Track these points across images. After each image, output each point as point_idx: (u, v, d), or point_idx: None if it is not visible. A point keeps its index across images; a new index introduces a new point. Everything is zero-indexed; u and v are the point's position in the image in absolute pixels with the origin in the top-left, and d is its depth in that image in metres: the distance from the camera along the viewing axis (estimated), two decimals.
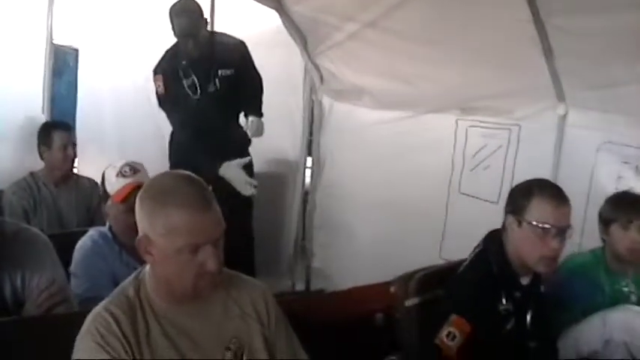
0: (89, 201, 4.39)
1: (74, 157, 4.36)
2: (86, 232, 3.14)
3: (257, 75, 4.72)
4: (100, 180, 3.14)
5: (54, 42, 4.57)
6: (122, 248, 3.01)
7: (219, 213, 1.96)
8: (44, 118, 4.58)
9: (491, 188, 4.31)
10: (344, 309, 3.01)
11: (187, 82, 4.46)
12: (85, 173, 4.54)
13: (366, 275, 4.82)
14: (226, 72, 4.50)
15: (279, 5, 5.06)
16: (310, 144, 5.53)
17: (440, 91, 4.57)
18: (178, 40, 4.40)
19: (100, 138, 4.90)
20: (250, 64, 4.65)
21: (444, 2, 4.06)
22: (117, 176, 3.03)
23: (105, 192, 3.08)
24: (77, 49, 5.16)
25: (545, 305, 2.80)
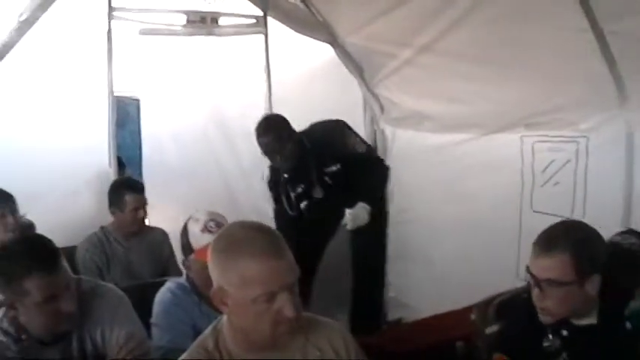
0: (160, 252, 4.44)
1: (144, 218, 4.42)
2: (160, 284, 3.15)
3: (366, 162, 4.70)
4: (182, 232, 3.10)
5: (115, 94, 4.64)
6: (201, 299, 2.99)
7: (291, 259, 1.96)
8: (111, 172, 4.64)
9: (563, 203, 4.21)
10: (423, 339, 2.97)
11: (294, 194, 4.64)
12: (153, 220, 4.58)
13: (444, 301, 4.80)
14: (332, 169, 4.56)
15: (332, 38, 5.10)
16: None
17: (501, 110, 4.50)
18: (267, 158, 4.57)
19: (166, 184, 4.96)
20: (356, 155, 4.66)
21: (496, 20, 4.02)
22: (202, 231, 2.99)
23: (188, 245, 3.05)
24: (138, 99, 5.24)
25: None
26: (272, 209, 4.95)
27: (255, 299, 1.89)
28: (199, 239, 2.99)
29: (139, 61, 4.98)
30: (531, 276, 2.36)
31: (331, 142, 4.63)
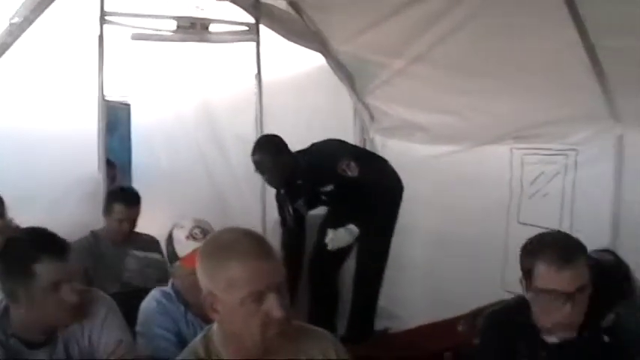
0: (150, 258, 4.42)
1: (129, 230, 4.42)
2: (147, 291, 3.14)
3: (359, 190, 4.68)
4: (167, 239, 3.09)
5: (106, 98, 4.63)
6: (187, 307, 2.97)
7: (278, 261, 1.97)
8: (100, 177, 4.63)
9: (551, 215, 4.24)
10: (411, 348, 2.97)
11: (296, 206, 4.79)
12: (142, 225, 4.57)
13: (431, 311, 4.82)
14: (326, 189, 4.63)
15: (324, 47, 5.11)
16: None
17: (492, 122, 4.53)
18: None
19: (156, 190, 4.93)
20: (348, 181, 4.63)
21: (488, 33, 4.04)
22: (187, 239, 2.97)
23: (174, 253, 3.02)
24: (129, 104, 5.23)
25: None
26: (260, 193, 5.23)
27: (243, 300, 1.89)
28: (184, 246, 2.97)
29: (131, 66, 4.98)
30: (555, 295, 2.27)
31: (326, 164, 4.67)
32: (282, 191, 4.79)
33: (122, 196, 4.41)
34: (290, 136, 4.72)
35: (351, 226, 4.60)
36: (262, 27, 5.08)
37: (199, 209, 4.80)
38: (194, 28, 4.91)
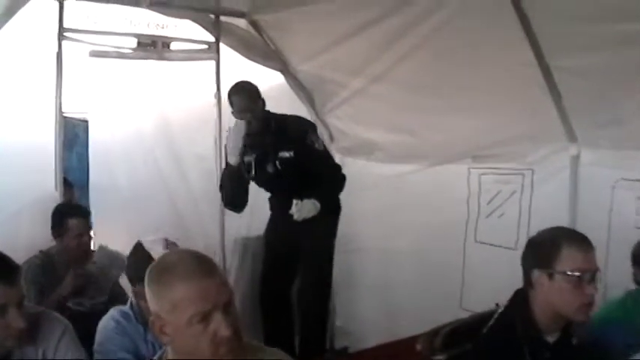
0: (106, 276, 4.31)
1: (89, 243, 4.30)
2: (104, 311, 3.10)
3: (323, 163, 4.75)
4: (136, 256, 3.04)
5: (64, 114, 4.56)
6: (146, 328, 2.92)
7: (223, 279, 1.98)
8: (57, 195, 4.54)
9: (507, 234, 4.28)
10: None
11: (247, 159, 4.66)
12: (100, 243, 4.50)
13: (390, 330, 4.82)
14: (286, 154, 4.60)
15: (284, 66, 5.13)
16: None
17: (450, 141, 4.58)
18: (235, 117, 4.59)
19: (113, 209, 4.87)
20: (312, 151, 4.67)
21: (447, 52, 4.09)
22: (165, 249, 2.91)
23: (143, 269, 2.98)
24: (87, 120, 5.18)
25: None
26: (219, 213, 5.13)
27: (189, 321, 1.88)
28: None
29: (90, 82, 4.93)
30: (585, 272, 2.44)
31: (293, 129, 4.69)
32: (245, 139, 4.60)
33: (74, 211, 4.27)
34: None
35: (314, 200, 4.58)
36: (222, 46, 5.08)
37: (158, 229, 4.77)
38: (154, 46, 4.89)
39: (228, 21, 5.04)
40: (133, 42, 4.82)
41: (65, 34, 4.43)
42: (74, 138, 5.67)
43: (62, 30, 4.41)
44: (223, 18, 5.03)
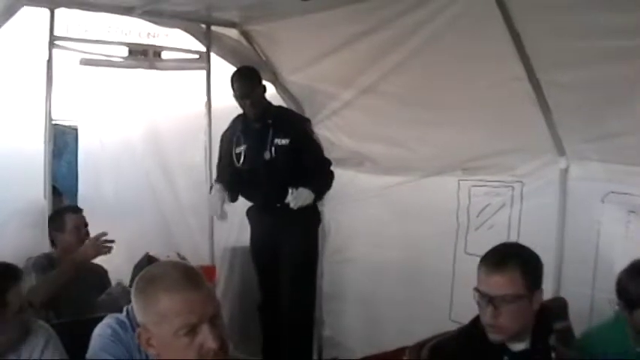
0: (101, 287, 4.30)
1: (87, 237, 4.30)
2: (97, 320, 3.09)
3: (318, 154, 4.76)
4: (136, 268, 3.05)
5: (53, 122, 4.54)
6: None
7: (210, 291, 1.97)
8: (46, 203, 4.52)
9: None
10: None
11: (238, 150, 4.68)
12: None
13: (378, 342, 4.81)
14: (281, 141, 4.59)
15: (274, 77, 5.13)
16: None
17: (440, 154, 4.58)
18: (237, 102, 4.63)
19: (101, 219, 4.84)
20: (309, 140, 4.72)
21: (437, 65, 4.11)
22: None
23: None
24: (76, 128, 5.16)
25: None
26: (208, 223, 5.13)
27: (175, 333, 1.88)
28: None
29: (80, 90, 4.92)
30: (482, 295, 2.43)
31: (291, 118, 4.79)
32: (242, 126, 4.70)
33: (67, 208, 4.38)
34: None
35: (309, 189, 4.58)
36: (213, 55, 5.08)
37: (146, 239, 4.77)
38: (145, 55, 4.89)
39: (219, 31, 5.05)
40: (124, 50, 4.82)
41: (56, 42, 4.42)
42: (64, 146, 5.65)
43: (53, 38, 4.40)
44: (214, 28, 5.04)
